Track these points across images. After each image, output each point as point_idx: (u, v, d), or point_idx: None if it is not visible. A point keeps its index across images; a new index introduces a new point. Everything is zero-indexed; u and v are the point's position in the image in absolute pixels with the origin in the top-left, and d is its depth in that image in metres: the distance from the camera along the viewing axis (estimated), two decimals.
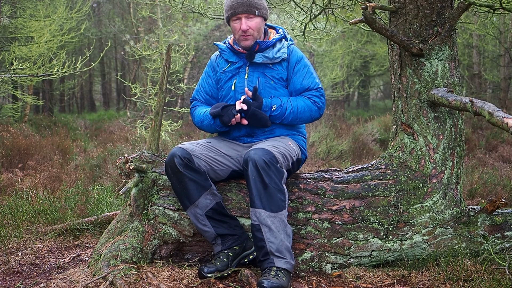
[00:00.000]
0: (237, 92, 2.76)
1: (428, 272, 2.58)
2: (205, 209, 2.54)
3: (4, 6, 9.09)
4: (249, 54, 2.73)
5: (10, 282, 2.59)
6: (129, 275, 2.39)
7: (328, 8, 4.24)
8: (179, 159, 2.52)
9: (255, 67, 2.76)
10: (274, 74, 2.75)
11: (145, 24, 14.06)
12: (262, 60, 2.73)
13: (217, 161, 2.63)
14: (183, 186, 2.55)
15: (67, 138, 8.64)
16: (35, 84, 11.86)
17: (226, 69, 2.81)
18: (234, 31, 2.74)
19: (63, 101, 19.75)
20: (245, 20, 2.68)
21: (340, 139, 8.41)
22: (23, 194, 4.46)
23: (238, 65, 2.78)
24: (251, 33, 2.70)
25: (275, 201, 2.40)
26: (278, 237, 2.39)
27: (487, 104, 2.21)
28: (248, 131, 2.76)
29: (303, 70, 2.77)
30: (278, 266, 2.36)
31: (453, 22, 2.71)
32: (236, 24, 2.71)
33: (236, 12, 2.68)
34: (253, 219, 2.43)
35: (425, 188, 2.75)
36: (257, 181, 2.39)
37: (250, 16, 2.69)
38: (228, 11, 2.72)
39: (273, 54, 2.73)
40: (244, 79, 2.76)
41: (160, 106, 2.95)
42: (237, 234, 2.59)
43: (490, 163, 6.81)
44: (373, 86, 21.33)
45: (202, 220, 2.56)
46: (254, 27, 2.70)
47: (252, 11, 2.68)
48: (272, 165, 2.41)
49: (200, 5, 4.92)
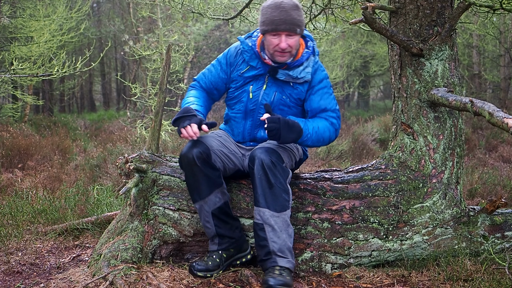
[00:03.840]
0: (249, 102, 2.67)
1: (428, 272, 2.58)
2: (212, 206, 2.52)
3: (4, 6, 9.09)
4: (273, 69, 2.60)
5: (10, 282, 2.59)
6: (129, 275, 2.39)
7: (328, 8, 4.24)
8: (198, 153, 2.45)
9: (275, 82, 2.64)
10: (293, 94, 2.65)
11: (145, 24, 14.07)
12: (285, 78, 2.61)
13: (229, 159, 2.62)
14: (196, 180, 2.50)
15: (67, 138, 8.64)
16: (35, 84, 11.87)
17: (244, 73, 2.67)
18: (270, 45, 2.52)
19: (63, 101, 19.75)
20: (285, 38, 2.48)
21: (340, 139, 8.41)
22: (23, 194, 4.46)
23: (259, 72, 2.64)
24: (289, 51, 2.51)
25: (280, 201, 2.39)
26: (281, 237, 2.38)
27: (487, 104, 2.21)
28: (251, 139, 2.74)
29: (323, 90, 2.65)
30: (281, 265, 2.36)
31: (453, 22, 2.71)
32: (275, 39, 2.50)
33: (278, 29, 2.46)
34: (257, 217, 2.42)
35: (425, 188, 2.75)
36: (263, 180, 2.38)
37: (291, 34, 2.49)
38: (268, 25, 2.49)
39: (297, 74, 2.59)
40: (262, 90, 2.65)
41: (160, 106, 2.95)
42: (235, 238, 2.58)
43: (490, 163, 6.82)
44: (373, 86, 21.34)
45: (207, 217, 2.54)
46: (293, 45, 2.51)
47: (294, 29, 2.48)
48: (278, 164, 2.40)
49: (200, 5, 4.92)
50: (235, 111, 2.74)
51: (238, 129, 2.75)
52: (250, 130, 2.72)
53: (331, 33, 5.79)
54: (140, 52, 9.10)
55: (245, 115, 2.71)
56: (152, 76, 9.33)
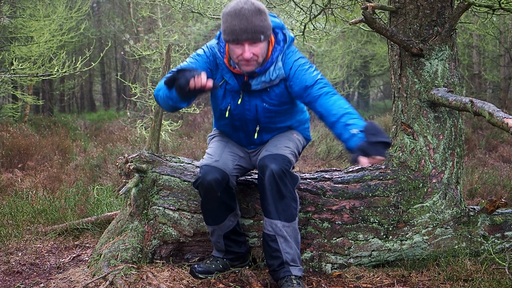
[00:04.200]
0: (233, 119, 2.52)
1: (428, 272, 2.58)
2: (226, 230, 2.53)
3: (4, 6, 9.09)
4: (244, 84, 2.40)
5: (10, 282, 2.59)
6: (129, 275, 2.38)
7: (327, 8, 4.24)
8: (217, 181, 2.35)
9: (251, 94, 2.44)
10: (273, 97, 2.44)
11: (145, 24, 14.06)
12: (261, 87, 2.41)
13: (241, 168, 2.59)
14: (212, 206, 2.46)
15: (67, 138, 8.63)
16: (35, 84, 11.86)
17: (222, 84, 2.47)
18: (234, 55, 2.31)
19: (63, 101, 19.74)
20: (248, 47, 2.25)
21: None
22: (23, 194, 4.46)
23: (233, 87, 2.45)
24: (255, 59, 2.30)
25: (290, 211, 2.36)
26: (293, 246, 2.37)
27: (487, 104, 2.21)
28: (253, 144, 2.64)
29: (301, 71, 2.38)
30: (295, 274, 2.36)
31: (453, 22, 2.71)
32: (238, 49, 2.27)
33: (239, 39, 2.24)
34: (268, 229, 2.37)
35: (425, 188, 2.75)
36: (273, 191, 2.33)
37: (254, 42, 2.26)
38: (228, 35, 2.26)
39: (270, 76, 2.37)
40: (240, 106, 2.47)
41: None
42: (241, 252, 2.62)
43: (490, 163, 6.81)
44: (373, 86, 21.33)
45: (218, 238, 2.57)
46: (259, 53, 2.29)
47: (258, 37, 2.24)
48: (288, 172, 2.36)
49: (199, 5, 4.92)
50: (223, 126, 2.64)
51: (233, 138, 2.67)
52: (246, 139, 2.63)
53: (331, 33, 5.79)
54: (140, 52, 9.10)
55: (234, 129, 2.60)
56: (152, 76, 9.33)
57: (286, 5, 4.95)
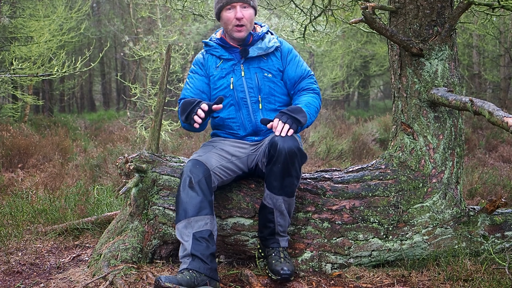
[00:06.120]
0: (237, 91, 2.71)
1: (428, 272, 2.58)
2: (196, 229, 2.34)
3: (4, 6, 9.09)
4: (243, 50, 2.70)
5: (10, 282, 2.59)
6: (129, 275, 2.39)
7: (328, 9, 4.24)
8: (197, 171, 2.43)
9: (250, 63, 2.72)
10: (270, 66, 2.74)
11: (145, 24, 14.07)
12: (257, 53, 2.70)
13: (228, 170, 2.60)
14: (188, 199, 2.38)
15: (67, 138, 8.63)
16: (35, 84, 11.87)
17: (219, 65, 2.74)
18: (227, 21, 2.67)
19: (63, 101, 19.76)
20: (240, 8, 2.65)
21: (340, 139, 8.42)
22: (23, 194, 4.46)
23: (233, 62, 2.73)
24: (245, 23, 2.66)
25: (292, 188, 2.48)
26: (287, 219, 2.53)
27: (487, 103, 2.21)
28: (254, 129, 2.72)
29: (295, 59, 2.79)
30: (283, 246, 2.54)
31: (453, 22, 2.71)
32: (230, 13, 2.66)
33: (232, 1, 2.64)
34: (268, 202, 2.50)
35: (425, 188, 2.75)
36: (283, 168, 2.41)
37: (244, 5, 2.66)
38: (221, 1, 2.67)
39: (265, 44, 2.71)
40: (241, 77, 2.71)
41: (160, 106, 2.95)
42: (209, 264, 2.30)
43: (490, 163, 6.82)
44: (373, 86, 21.34)
45: (187, 236, 2.36)
46: (248, 17, 2.67)
47: (248, 1, 2.67)
48: (299, 151, 2.44)
49: (201, 7, 4.92)
50: (226, 108, 2.72)
51: (236, 123, 2.73)
52: (249, 117, 2.71)
53: (331, 35, 5.79)
54: (140, 53, 9.11)
55: (238, 106, 2.71)
56: (152, 76, 9.33)
57: (286, 7, 4.95)
